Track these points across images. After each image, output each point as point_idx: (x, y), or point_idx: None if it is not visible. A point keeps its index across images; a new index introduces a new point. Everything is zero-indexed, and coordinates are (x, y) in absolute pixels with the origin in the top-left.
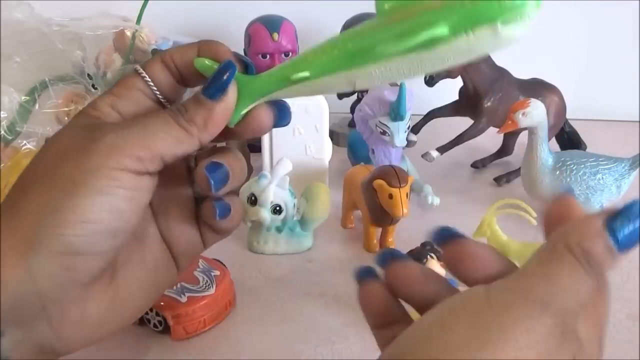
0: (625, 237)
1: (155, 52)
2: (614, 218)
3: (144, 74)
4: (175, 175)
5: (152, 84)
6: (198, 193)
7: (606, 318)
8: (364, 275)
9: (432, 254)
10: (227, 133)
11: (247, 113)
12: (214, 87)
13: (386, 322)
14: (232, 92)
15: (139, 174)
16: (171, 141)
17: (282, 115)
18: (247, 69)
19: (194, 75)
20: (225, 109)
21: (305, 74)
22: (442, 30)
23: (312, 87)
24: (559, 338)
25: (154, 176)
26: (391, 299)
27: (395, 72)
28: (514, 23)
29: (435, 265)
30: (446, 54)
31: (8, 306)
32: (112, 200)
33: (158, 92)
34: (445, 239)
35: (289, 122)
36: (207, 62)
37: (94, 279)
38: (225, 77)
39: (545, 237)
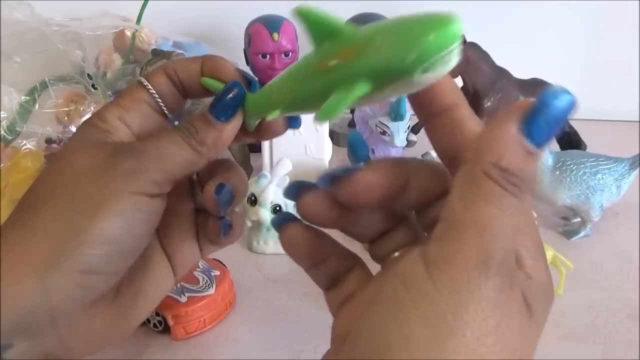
0: (541, 132)
1: (155, 52)
2: (530, 118)
3: (150, 87)
4: (177, 188)
5: (157, 96)
6: (200, 205)
7: (539, 235)
8: (281, 221)
9: None
10: (242, 136)
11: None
12: (223, 109)
13: (318, 260)
14: (240, 112)
15: (153, 196)
16: (184, 163)
17: (292, 119)
18: (249, 85)
19: (195, 88)
20: (234, 129)
21: (276, 112)
22: (362, 91)
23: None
24: (508, 290)
25: (164, 197)
26: (314, 236)
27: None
28: (433, 72)
29: None
30: (369, 99)
31: (19, 319)
32: (130, 223)
33: (163, 105)
34: (332, 181)
35: (299, 126)
36: (213, 81)
37: (103, 296)
38: (233, 99)
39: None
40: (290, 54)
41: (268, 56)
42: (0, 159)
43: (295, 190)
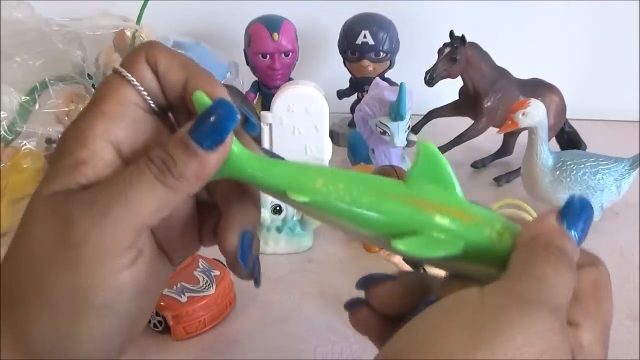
0: (581, 231)
1: None
2: (566, 215)
3: (137, 84)
4: None
5: (147, 95)
6: (201, 198)
7: (610, 314)
8: (353, 304)
9: None
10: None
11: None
12: (208, 133)
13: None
14: (229, 141)
15: (133, 261)
16: (157, 209)
17: (250, 125)
18: (246, 123)
19: (175, 96)
20: (220, 160)
21: (304, 199)
22: (456, 251)
23: (300, 207)
24: (559, 334)
25: (146, 246)
26: (383, 318)
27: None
28: None
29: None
30: (442, 263)
31: None
32: (118, 307)
33: (153, 103)
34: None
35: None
36: (207, 99)
37: None
38: (221, 121)
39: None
40: (290, 53)
41: (268, 56)
42: (0, 159)
43: (368, 281)
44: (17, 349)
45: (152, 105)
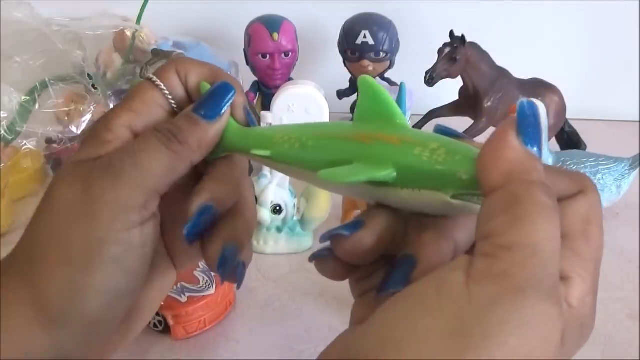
0: (538, 143)
1: (155, 52)
2: (523, 129)
3: (163, 87)
4: (181, 186)
5: (171, 97)
6: None
7: (601, 253)
8: (318, 256)
9: None
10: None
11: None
12: (209, 107)
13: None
14: (227, 114)
15: (143, 222)
16: (164, 172)
17: (250, 119)
18: (247, 118)
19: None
20: (219, 131)
21: (266, 152)
22: (387, 176)
23: (274, 166)
24: (554, 321)
25: (156, 214)
26: (353, 266)
27: (345, 191)
28: (464, 200)
29: None
30: (391, 196)
31: None
32: (125, 264)
33: (176, 107)
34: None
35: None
36: (209, 85)
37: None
38: (221, 97)
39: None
40: (290, 53)
41: (268, 56)
42: (0, 159)
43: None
44: (33, 304)
45: (174, 106)
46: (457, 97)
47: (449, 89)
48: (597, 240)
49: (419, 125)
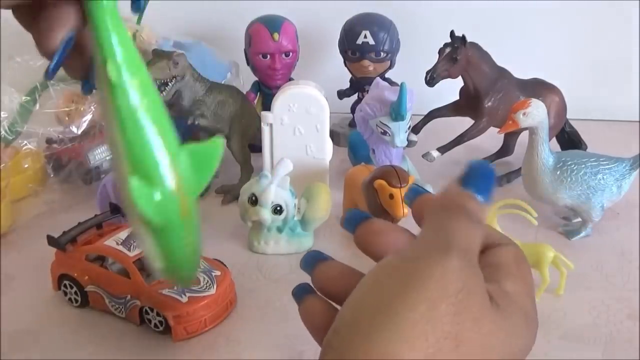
0: (485, 190)
1: (156, 52)
2: (466, 179)
3: None
4: None
5: None
6: None
7: (531, 277)
8: (301, 292)
9: None
10: None
11: None
12: None
13: None
14: None
15: None
16: None
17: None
18: None
19: None
20: None
21: (116, 77)
22: None
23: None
24: (472, 271)
25: None
26: (332, 309)
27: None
28: None
29: None
30: None
31: None
32: None
33: None
34: (355, 223)
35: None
36: None
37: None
38: None
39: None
40: (291, 54)
41: (269, 56)
42: (1, 159)
43: (312, 259)
44: None
45: None
46: (457, 97)
47: (450, 89)
48: (529, 275)
49: (419, 125)
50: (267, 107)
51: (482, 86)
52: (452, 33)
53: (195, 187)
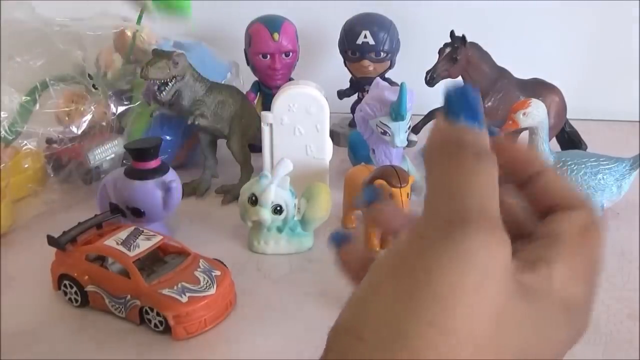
0: (472, 113)
1: (156, 52)
2: (449, 108)
3: None
4: None
5: None
6: None
7: (598, 254)
8: (340, 238)
9: None
10: None
11: None
12: None
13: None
14: None
15: None
16: None
17: None
18: None
19: None
20: None
21: None
22: None
23: None
24: (492, 253)
25: None
26: (368, 253)
27: None
28: None
29: None
30: None
31: None
32: None
33: None
34: (371, 199)
35: None
36: None
37: None
38: None
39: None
40: (291, 54)
41: (269, 56)
42: (1, 159)
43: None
44: None
45: None
46: None
47: None
48: (596, 253)
49: (419, 125)
50: (267, 107)
51: (482, 86)
52: (452, 33)
53: None
